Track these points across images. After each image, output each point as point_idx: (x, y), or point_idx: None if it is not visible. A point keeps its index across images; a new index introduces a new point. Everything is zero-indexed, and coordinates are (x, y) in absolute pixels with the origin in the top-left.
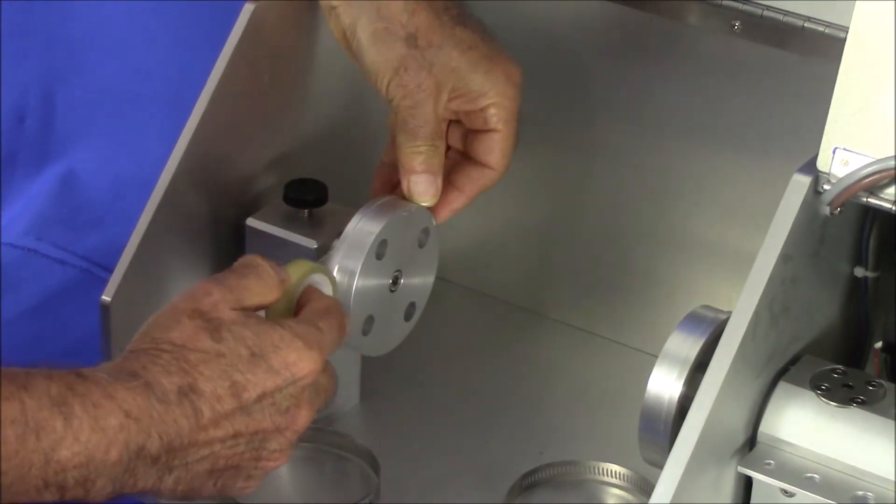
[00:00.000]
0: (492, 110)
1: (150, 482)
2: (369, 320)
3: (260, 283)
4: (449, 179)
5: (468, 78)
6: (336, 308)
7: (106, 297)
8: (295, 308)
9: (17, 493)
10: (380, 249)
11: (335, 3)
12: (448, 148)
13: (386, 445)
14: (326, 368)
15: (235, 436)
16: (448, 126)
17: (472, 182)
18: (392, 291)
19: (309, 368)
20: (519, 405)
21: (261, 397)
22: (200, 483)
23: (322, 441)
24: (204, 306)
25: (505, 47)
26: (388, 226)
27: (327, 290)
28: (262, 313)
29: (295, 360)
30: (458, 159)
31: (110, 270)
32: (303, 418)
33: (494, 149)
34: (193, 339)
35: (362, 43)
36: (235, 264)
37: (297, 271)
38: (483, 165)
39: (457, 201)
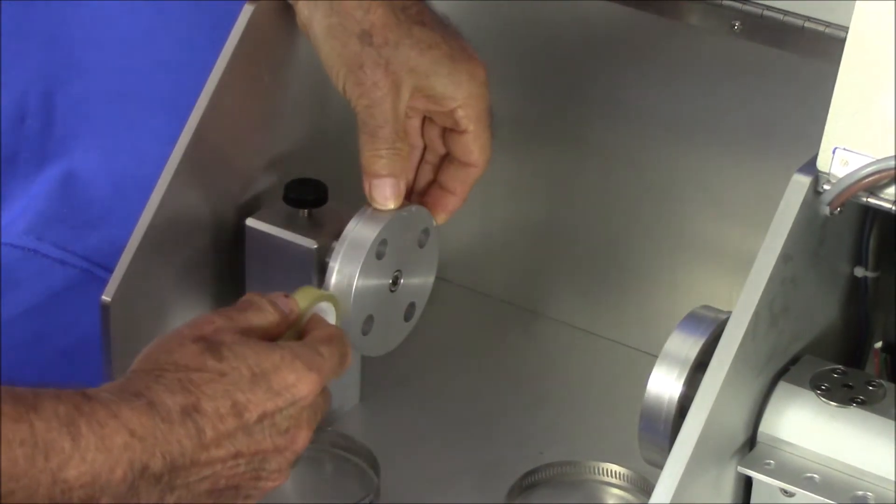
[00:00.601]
0: (460, 112)
1: (151, 501)
2: (369, 320)
3: (259, 315)
4: (439, 183)
5: (430, 79)
6: (339, 337)
7: (106, 297)
8: (300, 336)
9: None
10: (380, 249)
11: None
12: (425, 147)
13: (386, 445)
14: (323, 390)
15: (236, 456)
16: (423, 124)
17: (461, 181)
18: (392, 291)
19: (308, 390)
20: (519, 405)
21: (261, 417)
22: (200, 503)
23: (322, 441)
24: (206, 331)
25: (471, 45)
26: (388, 226)
27: (331, 317)
28: None
29: (294, 381)
30: (440, 160)
31: (110, 270)
32: (302, 439)
33: (471, 147)
34: (196, 360)
35: (318, 38)
36: (237, 301)
37: (304, 300)
38: (466, 164)
39: (451, 203)
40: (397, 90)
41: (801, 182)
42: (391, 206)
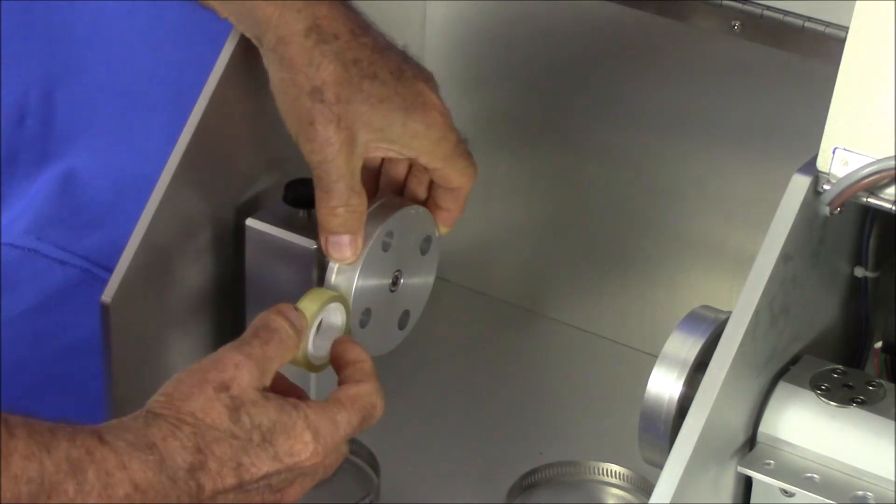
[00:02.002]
0: (423, 158)
1: None
2: (367, 312)
3: (282, 347)
4: (433, 200)
5: (385, 132)
6: (366, 394)
7: (106, 297)
8: (330, 357)
9: None
10: (385, 241)
11: (258, 44)
12: (411, 166)
13: (386, 445)
14: (337, 451)
15: None
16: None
17: (452, 200)
18: (391, 292)
19: (310, 462)
20: (519, 405)
21: (260, 479)
22: None
23: None
24: (229, 382)
25: (431, 87)
26: (395, 219)
27: (341, 317)
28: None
29: (300, 450)
30: (429, 180)
31: (110, 270)
32: (290, 496)
33: (449, 177)
34: (214, 416)
35: (273, 90)
36: (257, 326)
37: (314, 302)
38: (450, 188)
39: (449, 218)
40: (351, 146)
41: (801, 182)
42: (349, 261)
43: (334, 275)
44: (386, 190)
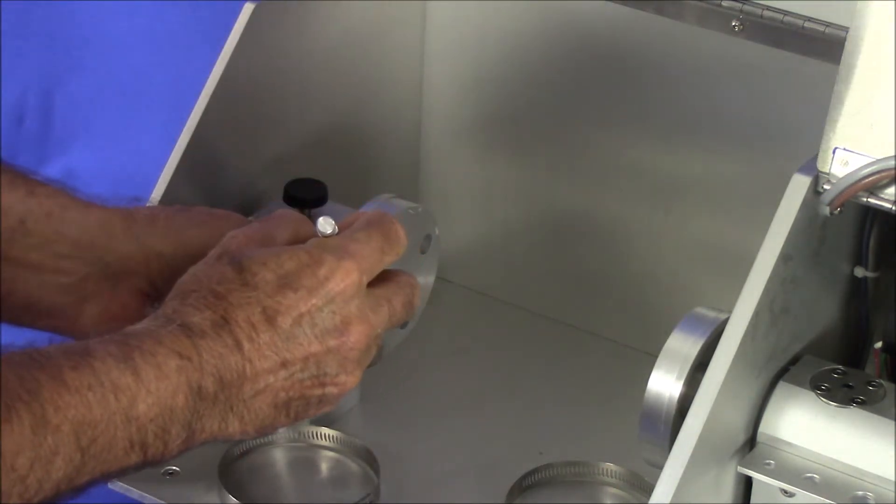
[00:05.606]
0: None
1: (215, 425)
2: None
3: (282, 219)
4: None
5: None
6: (383, 217)
7: None
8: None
9: (107, 460)
10: None
11: None
12: None
13: (386, 445)
14: (394, 279)
15: (284, 365)
16: None
17: None
18: None
19: (345, 282)
20: (519, 405)
21: (298, 320)
22: (270, 420)
23: (322, 441)
24: (229, 246)
25: None
26: (399, 214)
27: None
28: None
29: (326, 274)
30: None
31: None
32: (356, 334)
33: None
34: (218, 275)
35: None
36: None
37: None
38: None
39: None
40: None
41: (801, 182)
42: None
43: None
44: None
